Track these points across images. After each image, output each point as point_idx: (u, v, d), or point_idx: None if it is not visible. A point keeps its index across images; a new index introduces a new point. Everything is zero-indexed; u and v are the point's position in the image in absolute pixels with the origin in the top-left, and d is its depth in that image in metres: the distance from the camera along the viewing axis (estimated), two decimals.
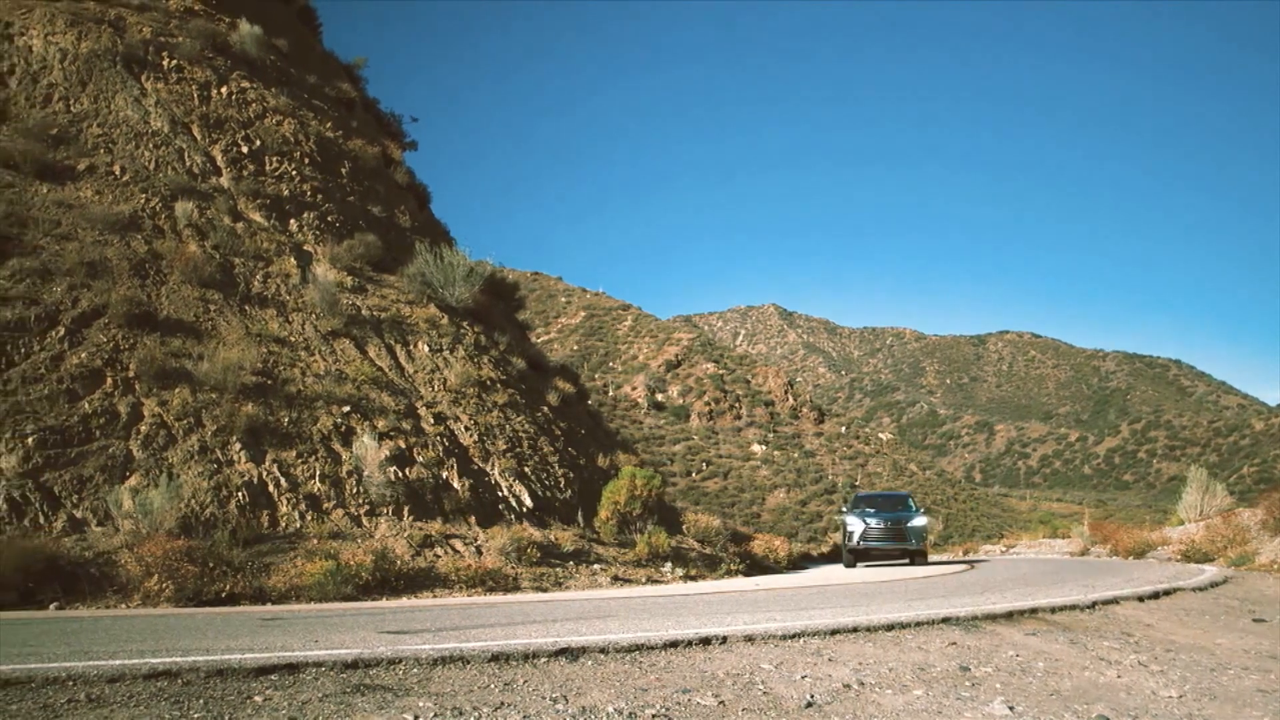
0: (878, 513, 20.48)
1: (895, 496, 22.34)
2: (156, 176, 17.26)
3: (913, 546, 20.03)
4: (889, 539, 20.01)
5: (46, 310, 13.36)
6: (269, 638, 6.08)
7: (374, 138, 24.45)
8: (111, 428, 12.33)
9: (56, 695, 3.81)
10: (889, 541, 20.03)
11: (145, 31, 20.33)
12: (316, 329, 16.18)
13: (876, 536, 19.97)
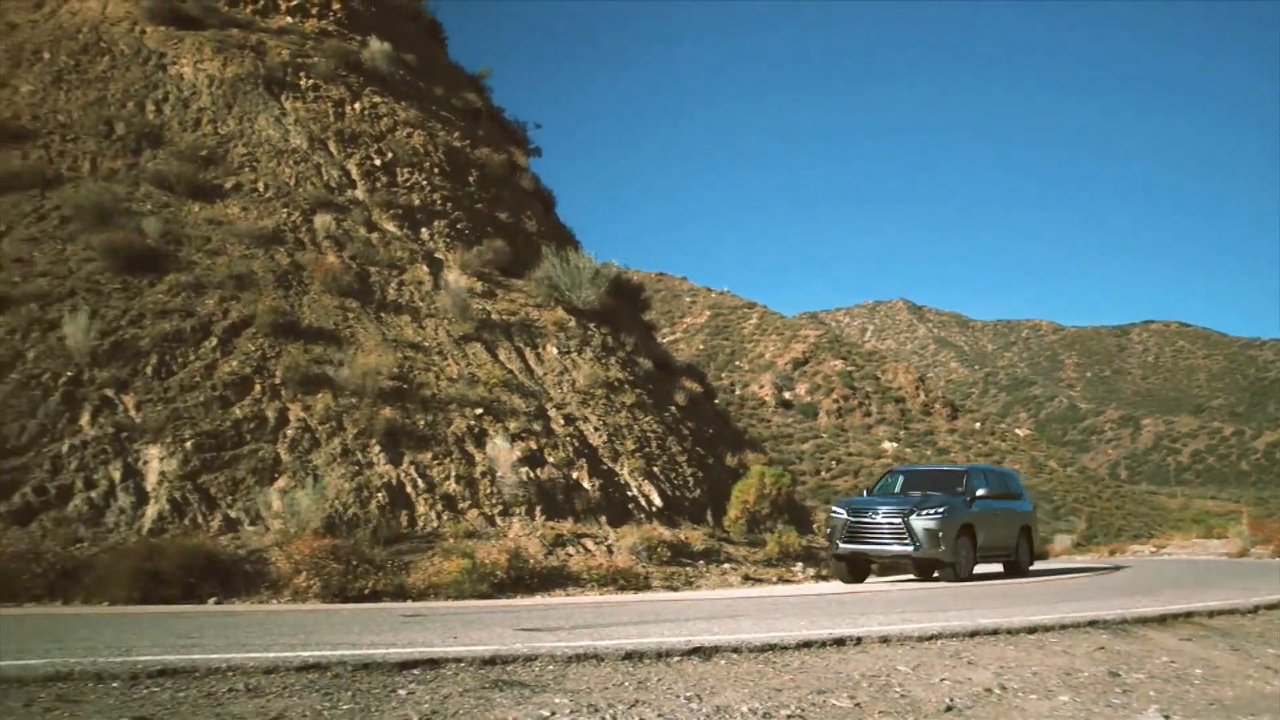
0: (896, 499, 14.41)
1: (949, 473, 15.86)
2: (297, 191, 18.04)
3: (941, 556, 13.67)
4: (889, 539, 13.73)
5: (200, 322, 14.12)
6: (410, 634, 6.28)
7: (500, 145, 24.98)
8: (260, 432, 12.94)
9: (218, 684, 4.01)
10: (889, 543, 13.74)
11: (284, 54, 21.28)
12: (449, 334, 16.63)
13: (872, 536, 13.88)
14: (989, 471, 16.53)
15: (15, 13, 21.16)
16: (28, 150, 17.13)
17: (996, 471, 16.93)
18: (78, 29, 20.52)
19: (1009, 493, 15.85)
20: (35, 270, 14.18)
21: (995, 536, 15.10)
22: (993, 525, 14.96)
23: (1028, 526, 16.28)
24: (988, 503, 14.82)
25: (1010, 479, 16.70)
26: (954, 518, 13.92)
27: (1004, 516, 15.40)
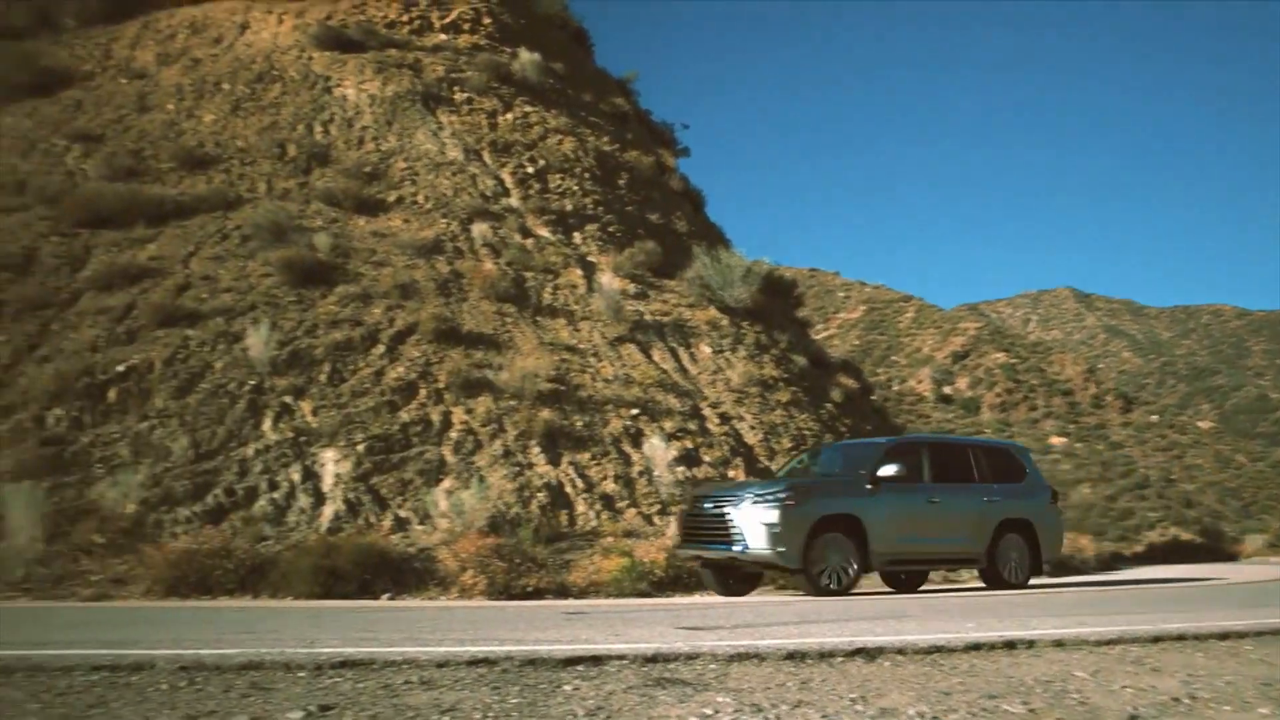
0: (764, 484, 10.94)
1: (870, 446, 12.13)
2: (455, 202, 18.67)
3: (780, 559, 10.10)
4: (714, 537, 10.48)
5: (368, 330, 14.80)
6: (573, 630, 6.39)
7: (648, 148, 25.20)
8: (426, 435, 13.46)
9: (395, 677, 4.18)
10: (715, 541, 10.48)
11: (439, 70, 22.07)
12: (603, 336, 16.88)
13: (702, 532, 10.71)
14: (942, 444, 12.97)
15: (198, 49, 22.69)
16: (211, 175, 18.35)
17: (961, 444, 13.10)
18: (252, 59, 21.84)
19: (980, 476, 11.77)
20: (220, 287, 15.17)
21: (927, 533, 11.18)
22: (919, 519, 11.06)
23: (1019, 523, 11.76)
24: (913, 488, 11.10)
25: (1002, 457, 12.47)
26: (811, 505, 10.34)
27: (956, 508, 11.39)
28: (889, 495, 10.88)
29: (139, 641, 5.15)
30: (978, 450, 12.39)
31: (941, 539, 11.40)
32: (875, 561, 10.83)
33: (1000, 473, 12.08)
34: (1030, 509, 12.03)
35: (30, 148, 19.33)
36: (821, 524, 10.40)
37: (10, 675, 4.04)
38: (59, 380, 13.02)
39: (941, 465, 11.74)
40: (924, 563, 11.83)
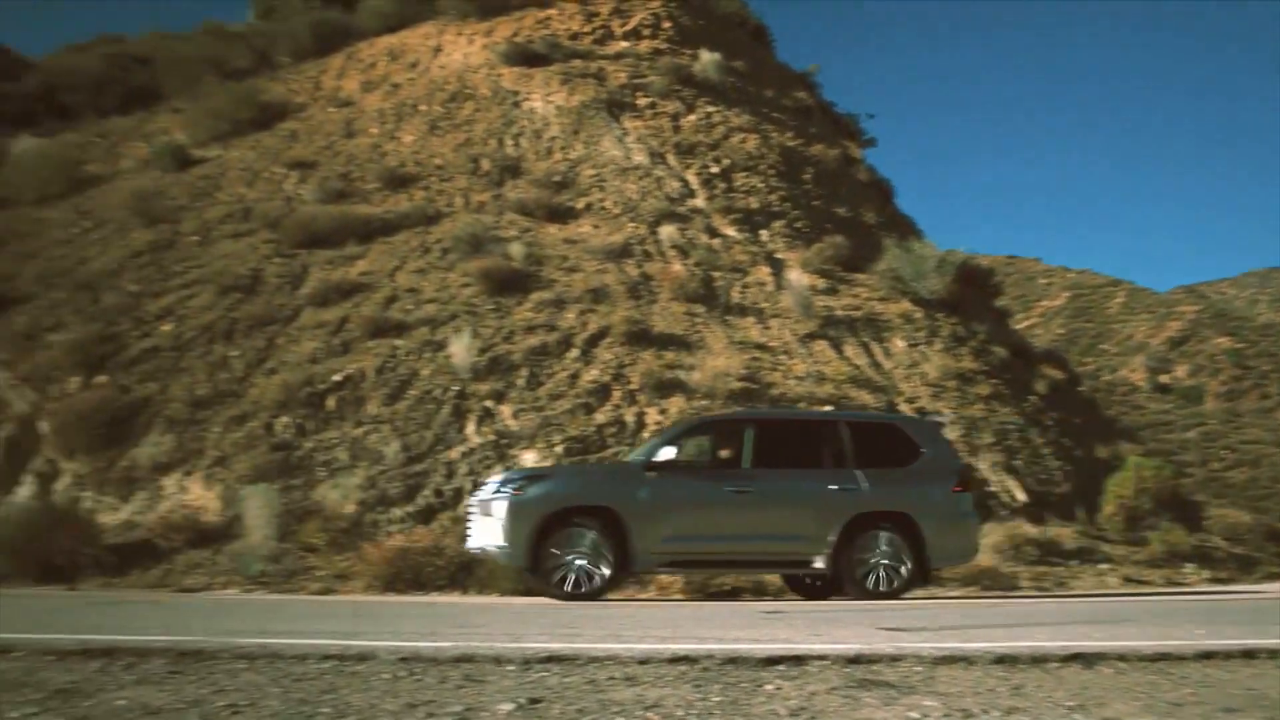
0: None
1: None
2: (641, 205, 18.94)
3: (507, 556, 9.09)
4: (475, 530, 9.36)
5: (563, 335, 15.22)
6: (771, 630, 6.34)
7: (833, 140, 24.78)
8: (621, 436, 13.71)
9: (599, 672, 4.26)
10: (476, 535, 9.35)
11: (622, 77, 22.46)
12: (794, 333, 16.71)
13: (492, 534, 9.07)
14: (778, 421, 10.83)
15: (396, 74, 23.97)
16: (413, 193, 19.35)
17: (811, 421, 10.97)
18: (446, 80, 22.88)
19: (836, 458, 9.62)
20: (424, 298, 15.97)
21: (728, 530, 9.36)
22: (715, 512, 9.29)
23: (892, 516, 9.47)
24: (716, 474, 9.57)
25: (886, 435, 10.19)
26: (546, 496, 9.02)
27: (780, 498, 9.48)
28: (670, 484, 9.25)
29: (362, 633, 5.47)
30: (842, 427, 9.98)
31: (753, 536, 9.38)
32: (642, 562, 9.18)
33: (879, 455, 9.73)
34: (912, 499, 9.52)
35: (254, 177, 20.94)
36: (559, 517, 9.00)
37: (254, 661, 4.37)
38: (285, 390, 14.05)
39: (773, 447, 9.71)
40: (724, 565, 9.90)
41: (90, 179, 23.00)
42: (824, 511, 9.34)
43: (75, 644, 4.73)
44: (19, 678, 3.98)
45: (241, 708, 3.41)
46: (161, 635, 5.18)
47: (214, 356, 15.22)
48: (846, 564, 9.25)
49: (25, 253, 19.49)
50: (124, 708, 3.41)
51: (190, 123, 24.25)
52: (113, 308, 16.59)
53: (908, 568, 9.33)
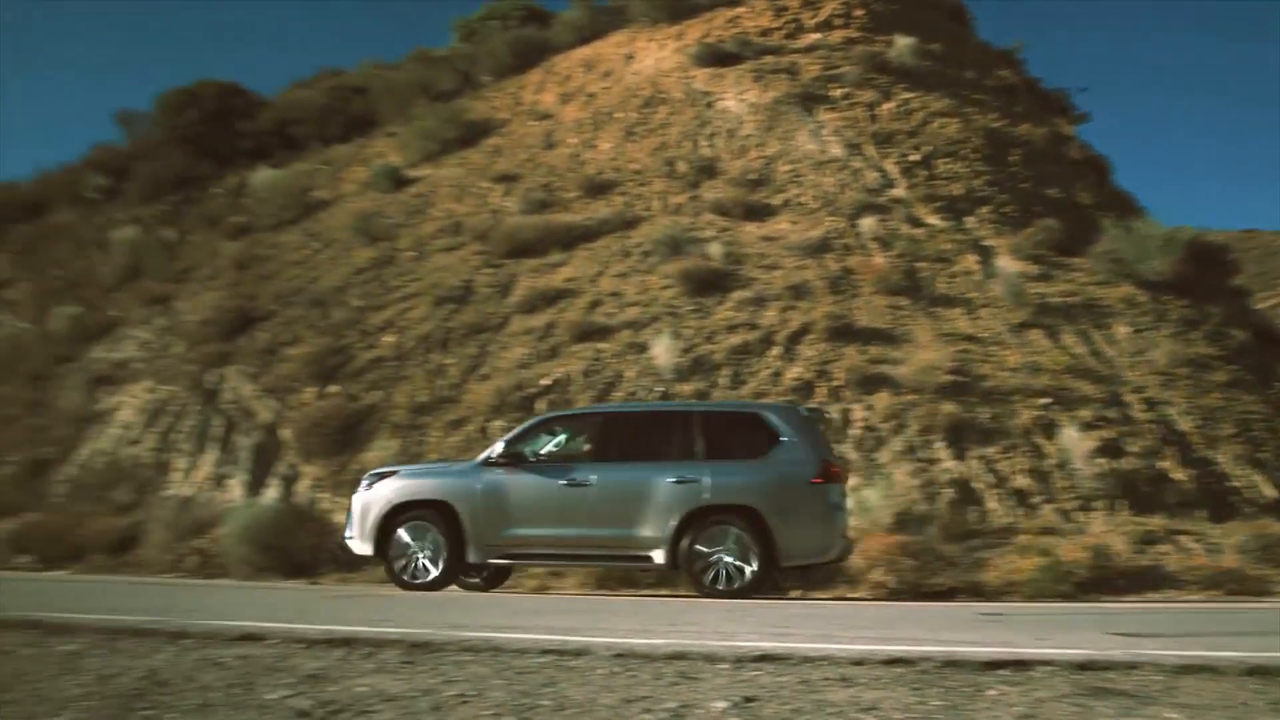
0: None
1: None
2: (840, 199, 18.62)
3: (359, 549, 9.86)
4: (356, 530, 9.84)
5: (764, 333, 15.17)
6: (991, 633, 6.10)
7: (1041, 119, 23.52)
8: (828, 433, 13.51)
9: (812, 672, 4.22)
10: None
11: (815, 69, 22.15)
12: (1005, 322, 15.98)
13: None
14: (629, 414, 10.70)
15: (592, 85, 24.57)
16: (611, 199, 19.78)
17: (662, 413, 10.62)
18: (640, 87, 23.26)
19: (684, 450, 9.41)
20: (626, 301, 16.30)
21: (562, 522, 9.38)
22: (550, 505, 9.39)
23: (737, 509, 9.13)
24: (553, 467, 9.57)
25: (743, 425, 9.71)
26: (391, 489, 9.60)
27: (616, 491, 9.34)
28: (506, 479, 9.51)
29: (577, 629, 5.63)
30: (693, 418, 9.77)
31: (589, 530, 9.34)
32: (477, 554, 9.41)
33: (734, 446, 9.43)
34: (759, 491, 9.10)
35: (462, 193, 21.97)
36: (400, 510, 9.50)
37: (478, 654, 4.59)
38: (497, 394, 14.68)
39: (621, 441, 9.72)
40: (560, 558, 9.89)
41: (318, 203, 24.81)
42: (661, 505, 9.17)
43: (320, 634, 5.11)
44: (273, 663, 4.33)
45: (469, 697, 3.59)
46: (394, 628, 5.51)
47: (432, 364, 16.09)
48: (685, 559, 9.07)
49: (264, 274, 21.25)
50: (365, 694, 3.66)
51: (403, 145, 25.72)
52: (341, 322, 17.83)
53: (754, 565, 9.00)
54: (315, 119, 31.75)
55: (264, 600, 8.27)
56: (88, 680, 3.91)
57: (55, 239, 31.71)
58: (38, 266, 30.26)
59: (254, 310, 19.38)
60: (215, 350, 18.23)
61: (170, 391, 17.83)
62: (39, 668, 4.24)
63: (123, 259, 26.15)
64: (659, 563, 9.25)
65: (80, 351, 21.50)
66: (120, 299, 23.89)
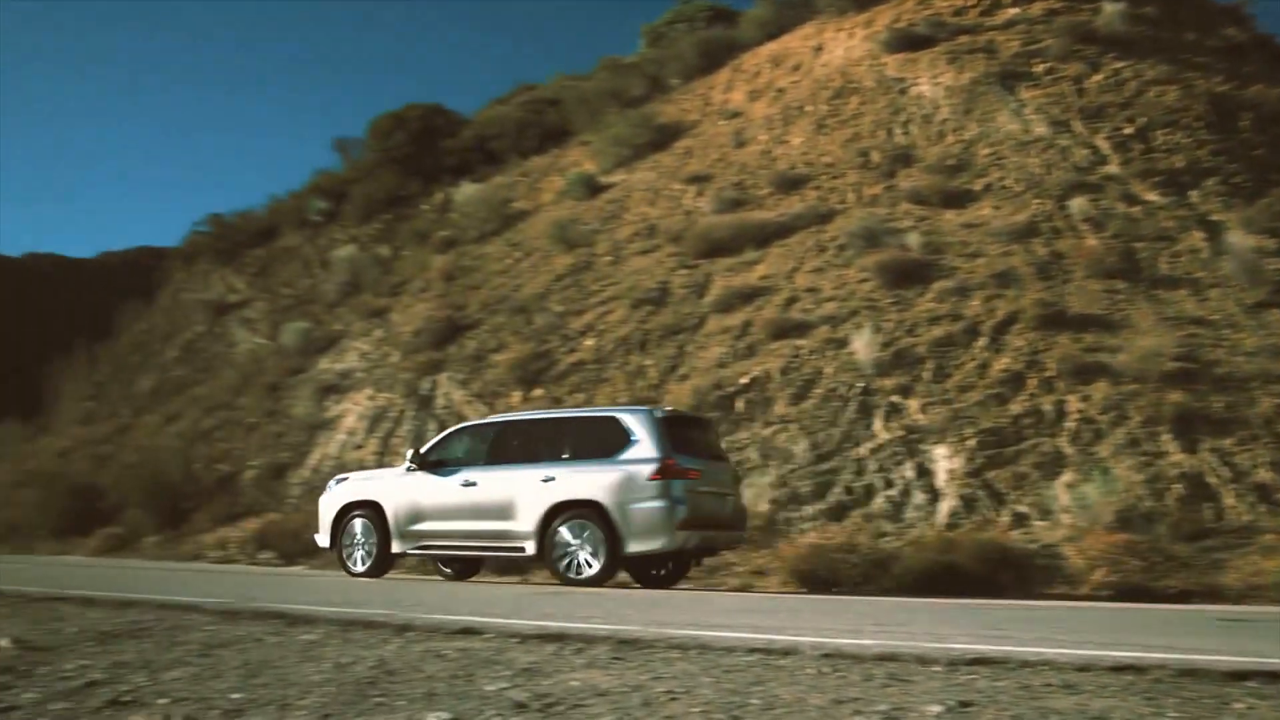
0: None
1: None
2: (1046, 180, 17.70)
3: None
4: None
5: (969, 324, 14.61)
6: (1233, 640, 5.65)
7: (1275, 79, 21.57)
8: (1039, 426, 12.87)
9: (1032, 678, 4.05)
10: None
11: (1014, 45, 21.14)
12: (1238, 303, 14.76)
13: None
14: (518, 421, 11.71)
15: (781, 80, 24.40)
16: (805, 193, 19.57)
17: (543, 420, 11.56)
18: (830, 78, 22.90)
19: (557, 451, 10.42)
20: (823, 296, 16.08)
21: (458, 518, 10.58)
22: (449, 503, 10.62)
23: (586, 504, 9.86)
24: (455, 470, 10.79)
25: (605, 428, 10.31)
26: (346, 490, 11.58)
27: (497, 490, 10.43)
28: (421, 481, 10.89)
29: (784, 628, 5.61)
30: (570, 423, 10.96)
31: (477, 523, 10.47)
32: (399, 545, 10.95)
33: (594, 447, 10.21)
34: (605, 487, 9.81)
35: (656, 196, 22.29)
36: (349, 508, 11.25)
37: (685, 651, 4.65)
38: (696, 394, 14.80)
39: (511, 444, 10.95)
40: (459, 549, 10.98)
41: (518, 214, 25.77)
42: (530, 501, 10.12)
43: (533, 629, 5.31)
44: (490, 656, 4.54)
45: (678, 694, 3.65)
46: (602, 624, 5.66)
47: (631, 366, 16.40)
48: (547, 550, 9.99)
49: (471, 284, 22.27)
50: (577, 688, 3.78)
51: (597, 153, 26.35)
52: (543, 327, 18.45)
53: (602, 555, 9.75)
54: (512, 133, 33.01)
55: (478, 596, 8.65)
56: (326, 668, 4.22)
57: (285, 260, 34.37)
58: (270, 286, 32.90)
59: (462, 319, 20.34)
60: (428, 358, 19.25)
61: (388, 398, 18.97)
62: (283, 655, 4.60)
63: (343, 276, 28.05)
64: (530, 553, 10.21)
65: (309, 363, 23.20)
66: (342, 313, 25.62)
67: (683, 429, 10.62)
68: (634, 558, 10.07)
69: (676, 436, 10.24)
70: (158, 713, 3.36)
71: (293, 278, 32.84)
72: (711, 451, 10.90)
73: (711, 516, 10.18)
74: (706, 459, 10.46)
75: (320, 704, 3.50)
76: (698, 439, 10.76)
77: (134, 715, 3.34)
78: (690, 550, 10.27)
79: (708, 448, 10.87)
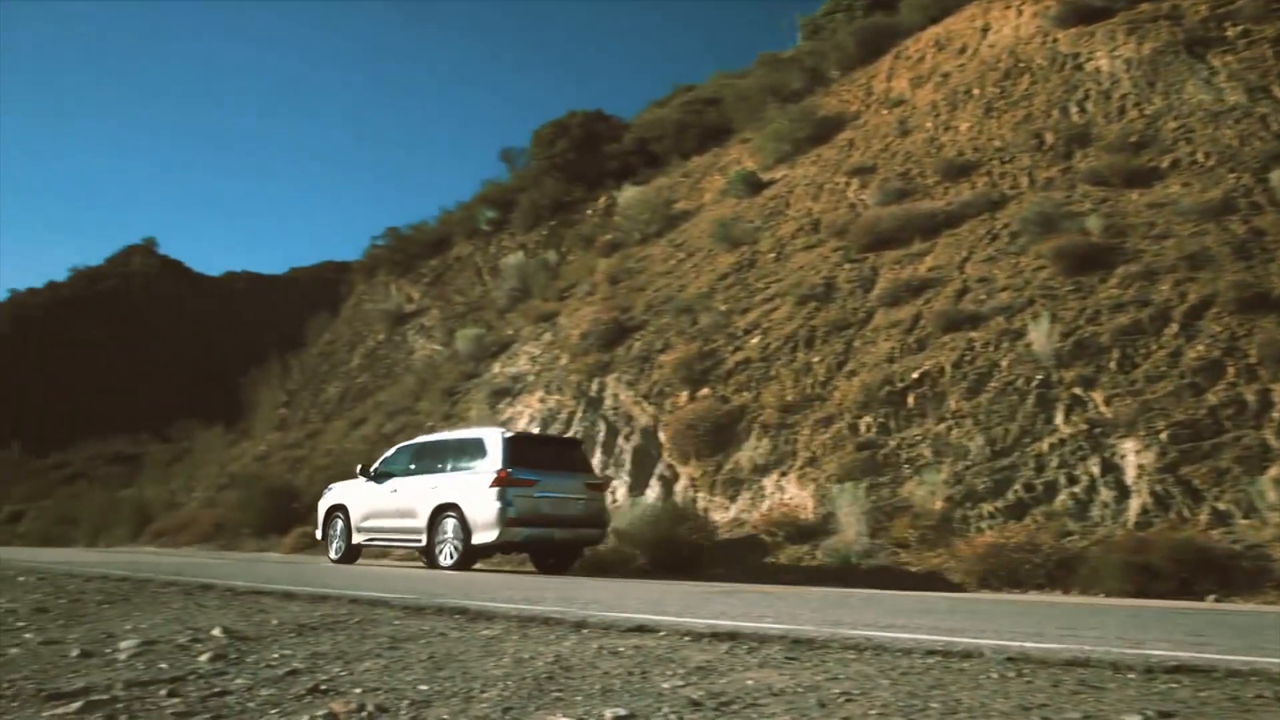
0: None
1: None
2: (1242, 152, 16.46)
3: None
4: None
5: (1157, 310, 13.73)
6: None
7: None
8: (1240, 418, 11.97)
9: (1241, 689, 3.79)
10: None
11: (1202, 10, 19.77)
12: None
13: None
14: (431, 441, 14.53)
15: (945, 63, 23.64)
16: (974, 180, 18.89)
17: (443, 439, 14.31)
18: (997, 59, 22.02)
19: (449, 464, 13.36)
20: (997, 286, 15.47)
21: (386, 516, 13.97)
22: (381, 505, 14.06)
23: (452, 506, 12.78)
24: (389, 478, 14.24)
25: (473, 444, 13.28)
26: (331, 494, 15.52)
27: (408, 495, 13.63)
28: (371, 487, 14.29)
29: (963, 630, 5.44)
30: (456, 441, 13.74)
31: (398, 520, 13.63)
32: (357, 538, 14.43)
33: (466, 460, 13.06)
34: (462, 493, 12.67)
35: (818, 190, 21.99)
36: (332, 510, 15.02)
37: (861, 652, 4.58)
38: (865, 391, 14.50)
39: (422, 459, 13.89)
40: (388, 541, 14.17)
41: (680, 215, 25.91)
42: (423, 503, 13.12)
43: (705, 628, 5.33)
44: (664, 654, 4.59)
45: (854, 696, 3.59)
46: (775, 624, 5.63)
47: (798, 364, 16.22)
48: (431, 543, 12.91)
49: (636, 286, 22.53)
50: (752, 687, 3.77)
51: (757, 149, 26.23)
52: (708, 327, 18.47)
53: (460, 546, 12.52)
54: (673, 134, 33.28)
55: (651, 594, 8.75)
56: (506, 662, 4.36)
57: (457, 269, 35.74)
58: (444, 295, 34.26)
59: (628, 321, 20.61)
60: (596, 360, 19.59)
61: (559, 400, 19.41)
62: (466, 649, 4.78)
63: (513, 282, 28.93)
64: (423, 544, 13.08)
65: (482, 368, 24.01)
66: (513, 318, 26.40)
67: (529, 447, 13.17)
68: (479, 548, 12.52)
69: (520, 453, 12.70)
70: (353, 701, 3.56)
71: (465, 286, 34.10)
72: (563, 465, 13.19)
73: (546, 517, 12.52)
74: (551, 471, 12.76)
75: (502, 697, 3.62)
76: (547, 455, 13.22)
77: (332, 703, 3.54)
78: (521, 544, 12.97)
79: (559, 462, 13.21)
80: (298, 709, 3.48)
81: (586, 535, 13.18)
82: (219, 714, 3.41)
